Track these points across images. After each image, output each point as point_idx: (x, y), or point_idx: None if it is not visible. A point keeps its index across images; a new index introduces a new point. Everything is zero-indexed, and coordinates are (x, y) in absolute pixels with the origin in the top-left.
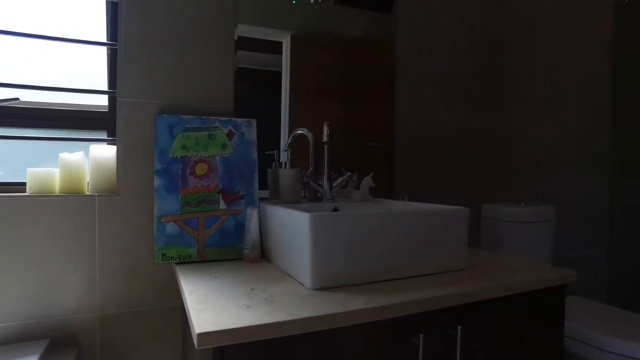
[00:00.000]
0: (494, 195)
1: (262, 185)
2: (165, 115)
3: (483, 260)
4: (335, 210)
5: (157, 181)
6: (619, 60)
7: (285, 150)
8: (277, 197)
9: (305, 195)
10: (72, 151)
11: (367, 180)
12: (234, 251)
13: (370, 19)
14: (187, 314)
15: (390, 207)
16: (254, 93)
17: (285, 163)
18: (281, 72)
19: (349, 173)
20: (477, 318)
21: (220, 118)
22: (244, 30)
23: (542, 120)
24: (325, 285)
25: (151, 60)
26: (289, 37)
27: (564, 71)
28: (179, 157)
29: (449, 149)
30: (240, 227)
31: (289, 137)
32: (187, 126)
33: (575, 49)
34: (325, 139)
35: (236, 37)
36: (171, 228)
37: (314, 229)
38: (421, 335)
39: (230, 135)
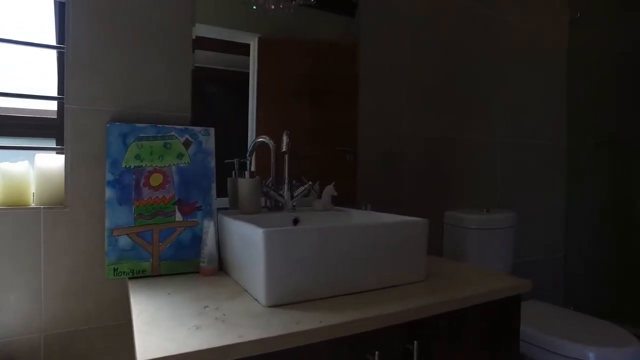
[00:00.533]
0: (457, 202)
1: (225, 194)
2: (117, 123)
3: (442, 269)
4: (295, 220)
5: (108, 192)
6: (573, 71)
7: (242, 161)
8: (236, 207)
9: (267, 205)
10: (17, 160)
11: (329, 189)
12: (190, 264)
13: (337, 22)
14: (134, 336)
15: (350, 217)
16: (222, 94)
17: (245, 172)
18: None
19: (310, 182)
20: (434, 332)
21: (176, 127)
22: (210, 31)
23: (502, 129)
24: (280, 302)
25: (102, 65)
26: (256, 40)
27: (523, 82)
28: (132, 167)
29: (411, 156)
30: (198, 240)
31: (254, 142)
32: (141, 135)
33: (534, 60)
34: (284, 148)
35: (194, 37)
36: (124, 241)
37: (268, 245)
38: (377, 352)
39: (187, 144)
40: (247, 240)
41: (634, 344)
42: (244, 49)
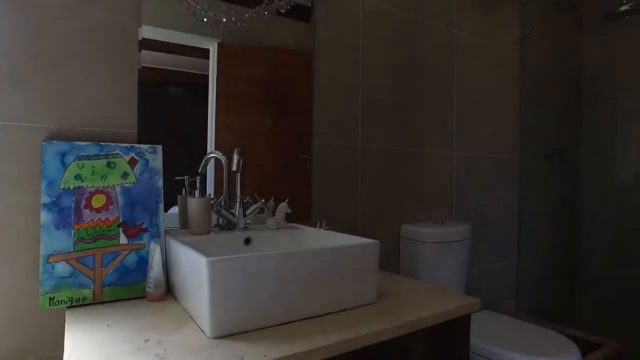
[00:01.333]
0: (414, 214)
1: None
2: (55, 141)
3: (395, 288)
4: (247, 240)
5: (44, 216)
6: (524, 85)
7: (192, 180)
8: (187, 227)
9: (219, 223)
10: None
11: (283, 207)
12: (136, 289)
13: (296, 28)
14: None
15: (304, 236)
16: (182, 97)
17: (195, 191)
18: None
19: (263, 200)
20: (383, 356)
21: (121, 144)
22: (167, 35)
23: (457, 142)
24: (226, 333)
25: (37, 77)
26: (216, 45)
27: (477, 95)
28: (71, 188)
29: (367, 168)
30: (144, 263)
31: (206, 157)
32: (82, 154)
33: (487, 74)
34: (234, 168)
35: (140, 38)
36: (62, 268)
37: (212, 275)
38: None
39: (132, 163)
40: (192, 267)
41: (574, 352)
42: (204, 53)
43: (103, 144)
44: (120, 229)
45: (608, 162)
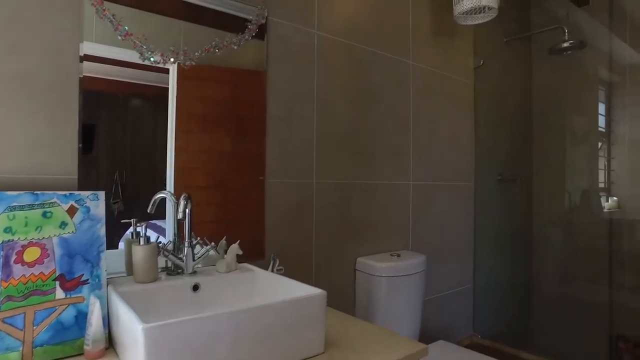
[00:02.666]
0: (370, 246)
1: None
2: None
3: (344, 334)
4: (195, 287)
5: None
6: (479, 113)
7: (139, 226)
8: (132, 273)
9: (167, 267)
10: None
11: (234, 249)
12: (74, 346)
13: (251, 46)
14: None
15: (254, 280)
16: (141, 112)
17: (140, 238)
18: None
19: (212, 244)
20: None
21: (59, 192)
22: (125, 54)
23: (415, 172)
24: None
25: None
26: (176, 64)
27: (433, 124)
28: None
29: (321, 202)
30: (83, 317)
31: (155, 198)
32: (14, 204)
33: (444, 104)
34: (180, 215)
35: (82, 54)
36: None
37: (148, 342)
38: None
39: (72, 211)
40: (129, 330)
41: None
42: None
43: (38, 192)
44: (57, 282)
45: (558, 184)
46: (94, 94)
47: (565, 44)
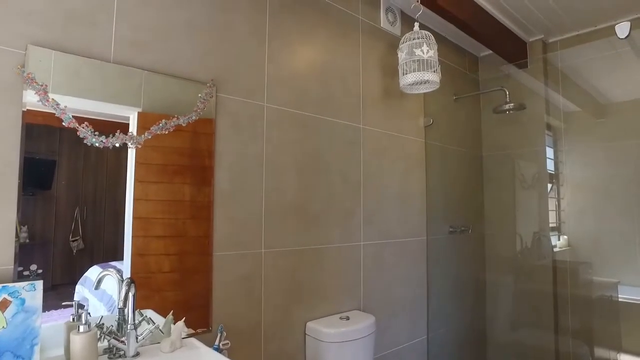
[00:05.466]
0: (320, 309)
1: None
2: None
3: None
4: None
5: None
6: (430, 169)
7: (81, 313)
8: None
9: (110, 349)
10: None
11: (179, 327)
12: None
13: (204, 123)
14: None
15: None
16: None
17: (80, 326)
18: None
19: (157, 324)
20: None
21: None
22: (86, 105)
23: (366, 232)
24: None
25: None
26: (136, 114)
27: (386, 184)
28: None
29: (270, 270)
30: None
31: (99, 276)
32: None
33: (395, 164)
34: (120, 304)
35: (25, 109)
36: None
37: None
38: None
39: (4, 305)
40: None
41: None
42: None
43: None
44: None
45: (509, 229)
46: (55, 129)
47: (507, 106)
